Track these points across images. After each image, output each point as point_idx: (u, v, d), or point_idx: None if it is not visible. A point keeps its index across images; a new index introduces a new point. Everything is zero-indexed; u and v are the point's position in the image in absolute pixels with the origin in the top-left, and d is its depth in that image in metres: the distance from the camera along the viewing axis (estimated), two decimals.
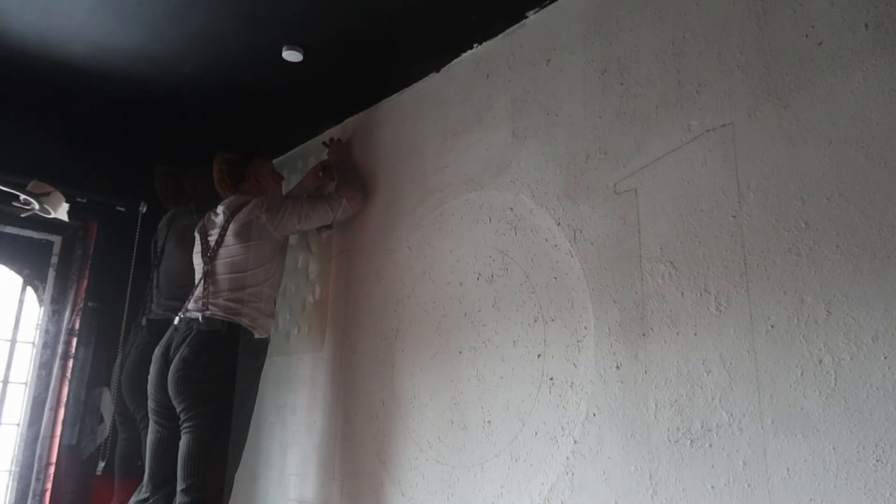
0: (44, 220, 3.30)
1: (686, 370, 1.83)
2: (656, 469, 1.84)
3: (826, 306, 1.59)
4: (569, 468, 2.05)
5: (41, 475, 3.35)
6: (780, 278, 1.68)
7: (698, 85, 1.96)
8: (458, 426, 2.44)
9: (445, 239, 2.69)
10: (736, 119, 1.85)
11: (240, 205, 2.90)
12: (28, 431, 3.39)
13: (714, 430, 1.74)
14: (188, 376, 2.59)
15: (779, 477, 1.60)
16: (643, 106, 2.10)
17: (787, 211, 1.70)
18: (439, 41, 2.77)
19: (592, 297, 2.10)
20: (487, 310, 2.44)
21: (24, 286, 3.53)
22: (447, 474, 2.44)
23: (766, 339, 1.68)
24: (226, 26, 2.69)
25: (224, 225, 2.87)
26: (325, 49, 2.83)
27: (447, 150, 2.79)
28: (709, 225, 1.85)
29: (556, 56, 2.43)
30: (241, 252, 2.81)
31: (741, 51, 1.88)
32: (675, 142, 1.98)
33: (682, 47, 2.03)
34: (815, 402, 1.57)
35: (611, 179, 2.13)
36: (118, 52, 2.91)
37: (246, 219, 2.85)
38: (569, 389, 2.10)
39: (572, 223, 2.22)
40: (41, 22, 2.70)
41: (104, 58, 2.96)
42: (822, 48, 1.71)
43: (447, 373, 2.53)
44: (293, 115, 3.45)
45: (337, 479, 2.93)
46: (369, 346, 2.93)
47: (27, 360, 3.48)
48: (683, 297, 1.87)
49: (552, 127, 2.37)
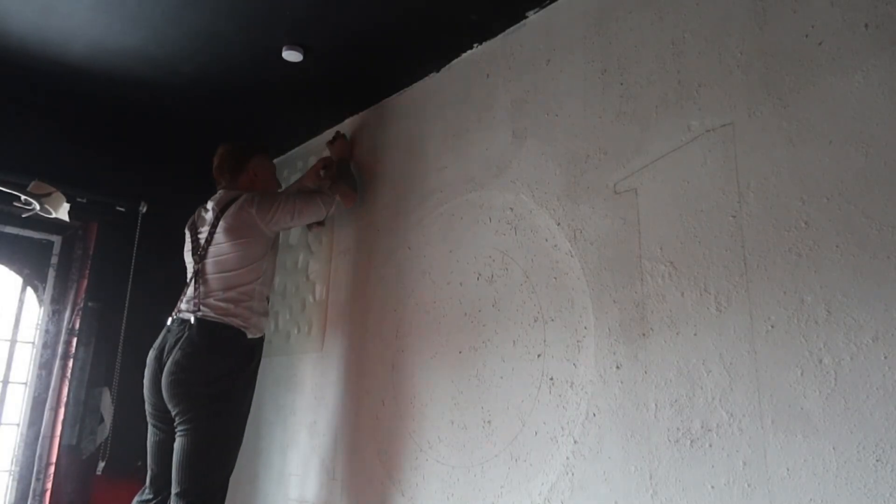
0: (44, 220, 3.30)
1: (686, 370, 1.83)
2: (656, 469, 1.84)
3: (826, 306, 1.59)
4: (569, 468, 2.05)
5: (41, 475, 3.35)
6: (780, 278, 1.68)
7: (698, 85, 1.96)
8: (458, 426, 2.44)
9: (445, 239, 2.69)
10: (736, 119, 1.85)
11: (229, 200, 2.82)
12: (28, 431, 3.39)
13: (714, 430, 1.74)
14: (181, 380, 2.55)
15: (779, 477, 1.60)
16: (643, 106, 2.10)
17: (788, 211, 1.70)
18: (439, 41, 2.77)
19: (592, 297, 2.10)
20: (487, 310, 2.44)
21: (24, 286, 3.53)
22: (447, 474, 2.44)
23: (766, 339, 1.68)
24: (226, 26, 2.70)
25: (213, 222, 2.79)
26: (325, 49, 2.83)
27: (447, 150, 2.79)
28: (709, 225, 1.85)
29: (556, 56, 2.43)
30: (231, 250, 2.73)
31: (741, 51, 1.88)
32: (675, 142, 1.98)
33: (682, 47, 2.03)
34: (815, 402, 1.57)
35: (611, 179, 2.13)
36: (118, 52, 2.91)
37: (236, 215, 2.77)
38: (569, 389, 2.10)
39: (572, 223, 2.22)
40: (41, 22, 2.70)
41: (104, 58, 2.96)
42: (822, 48, 1.71)
43: (447, 373, 2.53)
44: (293, 115, 3.45)
45: (337, 479, 2.93)
46: (369, 345, 2.93)
47: (27, 360, 3.48)
48: (683, 297, 1.87)
49: (552, 127, 2.37)
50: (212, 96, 3.28)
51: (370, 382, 2.87)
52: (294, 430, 3.24)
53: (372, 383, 2.85)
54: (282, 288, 3.59)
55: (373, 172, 3.18)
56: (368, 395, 2.86)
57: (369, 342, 2.93)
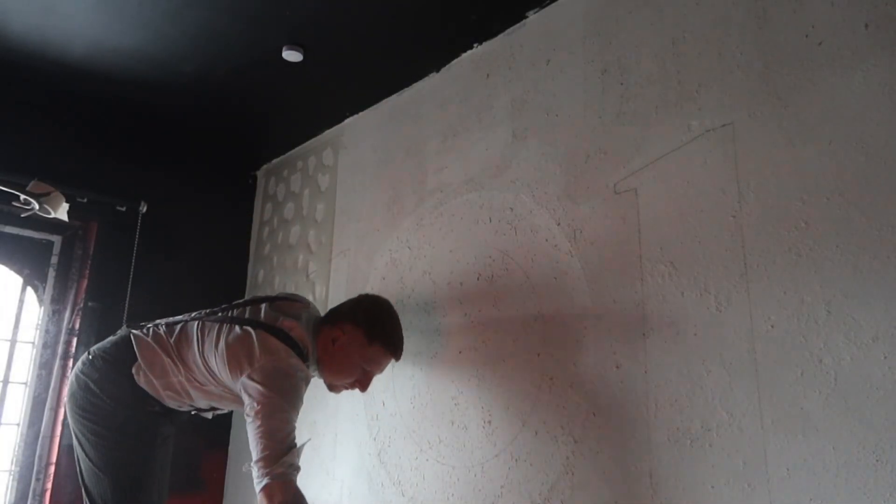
0: (44, 220, 3.30)
1: (686, 370, 1.83)
2: (656, 468, 1.84)
3: (826, 306, 1.59)
4: (569, 468, 2.05)
5: (41, 475, 3.34)
6: (780, 278, 1.68)
7: (698, 85, 1.97)
8: (459, 426, 2.44)
9: (446, 239, 2.69)
10: (736, 119, 1.85)
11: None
12: (28, 431, 3.39)
13: (714, 429, 1.74)
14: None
15: (779, 477, 1.60)
16: (643, 106, 2.10)
17: (788, 211, 1.70)
18: (439, 41, 2.77)
19: (592, 297, 2.11)
20: (488, 309, 2.44)
21: (24, 286, 3.52)
22: (448, 474, 2.44)
23: (765, 339, 1.68)
24: (226, 26, 2.70)
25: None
26: (325, 49, 2.83)
27: (447, 150, 2.80)
28: (709, 225, 1.86)
29: (556, 56, 2.43)
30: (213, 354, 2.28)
31: (741, 51, 1.88)
32: (675, 142, 1.98)
33: (682, 47, 2.04)
34: (815, 401, 1.57)
35: (611, 179, 2.14)
36: (118, 51, 2.91)
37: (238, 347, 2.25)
38: (569, 389, 2.11)
39: (572, 223, 2.22)
40: (41, 22, 2.70)
41: (104, 57, 2.96)
42: (822, 48, 1.71)
43: (447, 373, 2.53)
44: (293, 115, 3.45)
45: (337, 479, 2.93)
46: None
47: (27, 360, 3.47)
48: (683, 297, 1.87)
49: (552, 127, 2.38)
50: (212, 96, 3.28)
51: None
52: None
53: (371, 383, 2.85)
54: (281, 288, 3.59)
55: (373, 173, 3.18)
56: (368, 394, 2.85)
57: None
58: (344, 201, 3.34)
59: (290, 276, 3.55)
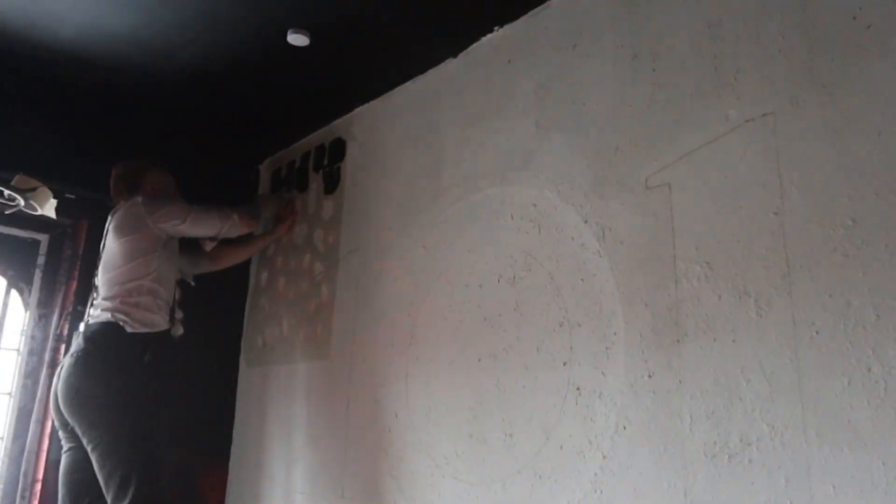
0: (30, 218, 3.30)
1: (723, 379, 1.85)
2: (691, 486, 1.86)
3: (875, 310, 1.61)
4: (597, 485, 2.08)
5: (27, 493, 3.37)
6: (825, 280, 1.70)
7: (736, 71, 1.99)
8: (478, 440, 2.47)
9: (463, 238, 2.72)
10: (777, 108, 1.87)
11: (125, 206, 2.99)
12: (13, 445, 3.41)
13: (754, 443, 1.77)
14: (70, 397, 2.67)
15: (824, 494, 1.62)
16: (677, 94, 2.12)
17: (833, 207, 1.72)
18: (457, 24, 2.79)
19: (622, 301, 2.13)
20: (509, 314, 2.47)
21: (9, 289, 3.55)
22: (465, 492, 2.47)
23: (809, 345, 1.70)
24: (225, 9, 2.72)
25: (106, 229, 2.97)
26: (333, 32, 2.85)
27: (465, 142, 2.82)
28: (748, 222, 1.88)
29: (583, 40, 2.45)
30: (116, 248, 2.87)
31: (783, 35, 1.90)
32: (712, 133, 2.01)
33: (719, 30, 2.06)
34: (863, 413, 1.59)
35: (642, 173, 2.16)
36: (109, 37, 2.94)
37: (124, 213, 2.93)
38: (597, 400, 2.13)
39: (601, 220, 2.25)
40: (26, 2, 2.71)
41: (94, 43, 2.99)
42: (870, 32, 1.73)
43: (465, 382, 2.56)
44: (299, 104, 3.47)
45: (347, 497, 2.96)
46: (380, 353, 2.96)
47: (12, 368, 3.50)
48: (721, 300, 1.90)
49: (579, 117, 2.40)
50: (210, 84, 3.31)
51: (381, 393, 2.90)
52: (299, 446, 3.28)
53: (383, 394, 2.89)
54: (286, 291, 3.62)
55: (385, 166, 3.21)
56: (379, 406, 2.89)
57: (381, 349, 2.97)
58: (353, 197, 3.37)
59: (295, 278, 3.57)
